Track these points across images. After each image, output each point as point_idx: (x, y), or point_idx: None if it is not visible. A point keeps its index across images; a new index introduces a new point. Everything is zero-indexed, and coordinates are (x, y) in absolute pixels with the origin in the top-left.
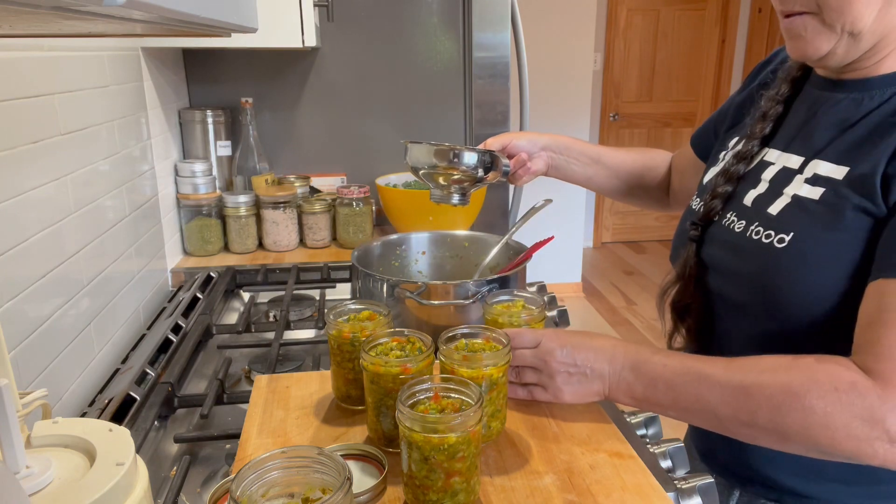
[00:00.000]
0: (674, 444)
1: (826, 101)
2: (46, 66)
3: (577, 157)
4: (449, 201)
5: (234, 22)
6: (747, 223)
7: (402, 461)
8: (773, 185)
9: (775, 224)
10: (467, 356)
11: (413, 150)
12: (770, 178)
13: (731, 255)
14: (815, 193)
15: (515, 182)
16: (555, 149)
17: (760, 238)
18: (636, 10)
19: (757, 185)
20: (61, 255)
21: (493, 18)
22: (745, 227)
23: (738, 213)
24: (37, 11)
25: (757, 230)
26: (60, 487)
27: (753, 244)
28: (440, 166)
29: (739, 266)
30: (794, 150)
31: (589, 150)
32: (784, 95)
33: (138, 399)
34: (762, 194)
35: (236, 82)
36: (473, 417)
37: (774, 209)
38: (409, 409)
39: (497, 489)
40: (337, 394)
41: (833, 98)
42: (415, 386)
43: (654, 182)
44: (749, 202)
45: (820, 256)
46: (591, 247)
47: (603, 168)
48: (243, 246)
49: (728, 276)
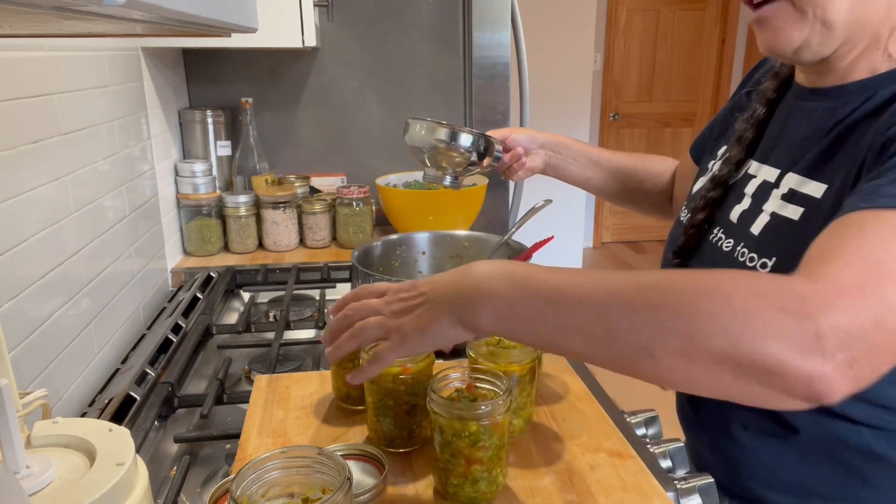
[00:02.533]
0: (674, 444)
1: (800, 110)
2: (46, 66)
3: (575, 158)
4: (441, 182)
5: (234, 22)
6: (734, 243)
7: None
8: (754, 200)
9: (757, 246)
10: (493, 351)
11: (412, 126)
12: (752, 192)
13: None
14: (795, 213)
15: (510, 176)
16: (553, 147)
17: (745, 261)
18: (636, 10)
19: (742, 199)
20: (61, 255)
21: (493, 18)
22: (733, 247)
23: (726, 231)
24: (37, 11)
25: (742, 251)
26: (60, 487)
27: (739, 266)
28: (437, 145)
29: None
30: (772, 163)
31: (589, 151)
32: (768, 98)
33: (138, 399)
34: (746, 210)
35: (236, 82)
36: (498, 408)
37: (756, 228)
38: (438, 396)
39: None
40: (337, 394)
41: (807, 107)
42: (449, 373)
43: (655, 188)
44: (735, 218)
45: None
46: (591, 247)
47: (602, 170)
48: (243, 246)
49: None
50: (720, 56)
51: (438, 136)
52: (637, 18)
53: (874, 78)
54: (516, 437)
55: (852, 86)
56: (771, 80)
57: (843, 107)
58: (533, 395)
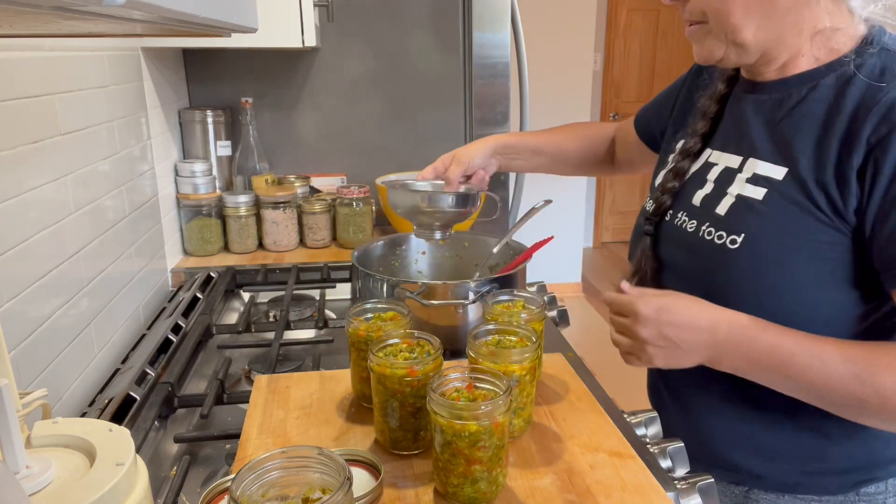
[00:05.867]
0: (674, 444)
1: (752, 102)
2: (46, 66)
3: (519, 154)
4: (432, 237)
5: (234, 22)
6: (698, 223)
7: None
8: (717, 184)
9: (724, 225)
10: (493, 351)
11: (392, 194)
12: (715, 178)
13: (684, 254)
14: (759, 193)
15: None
16: (501, 151)
17: (713, 239)
18: (636, 10)
19: (703, 185)
20: (61, 255)
21: (493, 18)
22: (697, 226)
23: (689, 213)
24: (37, 11)
25: (709, 231)
26: (60, 487)
27: (706, 244)
28: (420, 209)
29: (692, 265)
30: (732, 150)
31: (530, 143)
32: (719, 94)
33: (138, 399)
34: (708, 194)
35: (236, 82)
36: (498, 408)
37: (721, 209)
38: (439, 396)
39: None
40: (354, 391)
41: (758, 99)
42: (449, 373)
43: (598, 157)
44: (697, 202)
45: (772, 258)
46: (591, 247)
47: (546, 158)
48: (243, 246)
49: (682, 275)
50: None
51: (417, 201)
52: (637, 18)
53: (813, 71)
54: (516, 437)
55: (794, 78)
56: (720, 77)
57: (788, 98)
58: (533, 395)
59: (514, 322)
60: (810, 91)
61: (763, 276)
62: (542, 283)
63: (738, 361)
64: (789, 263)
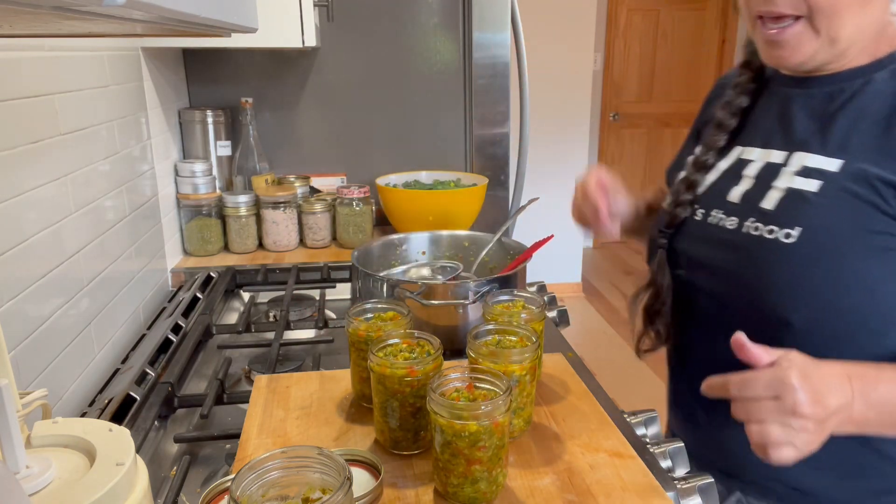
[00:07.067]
0: (674, 444)
1: (798, 96)
2: (46, 66)
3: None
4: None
5: (234, 22)
6: (740, 219)
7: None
8: (759, 180)
9: (774, 219)
10: (493, 351)
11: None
12: (754, 174)
13: (724, 252)
14: (812, 185)
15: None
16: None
17: (762, 234)
18: (636, 10)
19: (739, 181)
20: (61, 255)
21: (493, 18)
22: (739, 223)
23: (726, 211)
24: (37, 11)
25: (755, 226)
26: (60, 487)
27: (752, 240)
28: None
29: (734, 263)
30: (776, 146)
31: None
32: (748, 89)
33: (138, 399)
34: (749, 190)
35: (236, 82)
36: (498, 408)
37: (768, 203)
38: (439, 396)
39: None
40: (354, 391)
41: (806, 93)
42: (449, 373)
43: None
44: (736, 199)
45: (832, 249)
46: (591, 247)
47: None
48: (243, 246)
49: (720, 274)
50: (720, 56)
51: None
52: (637, 18)
53: (865, 66)
54: (516, 437)
55: (847, 73)
56: (744, 70)
57: (840, 92)
58: (533, 395)
59: (514, 322)
60: (864, 85)
61: (822, 269)
62: (542, 283)
63: (867, 414)
64: (850, 255)
